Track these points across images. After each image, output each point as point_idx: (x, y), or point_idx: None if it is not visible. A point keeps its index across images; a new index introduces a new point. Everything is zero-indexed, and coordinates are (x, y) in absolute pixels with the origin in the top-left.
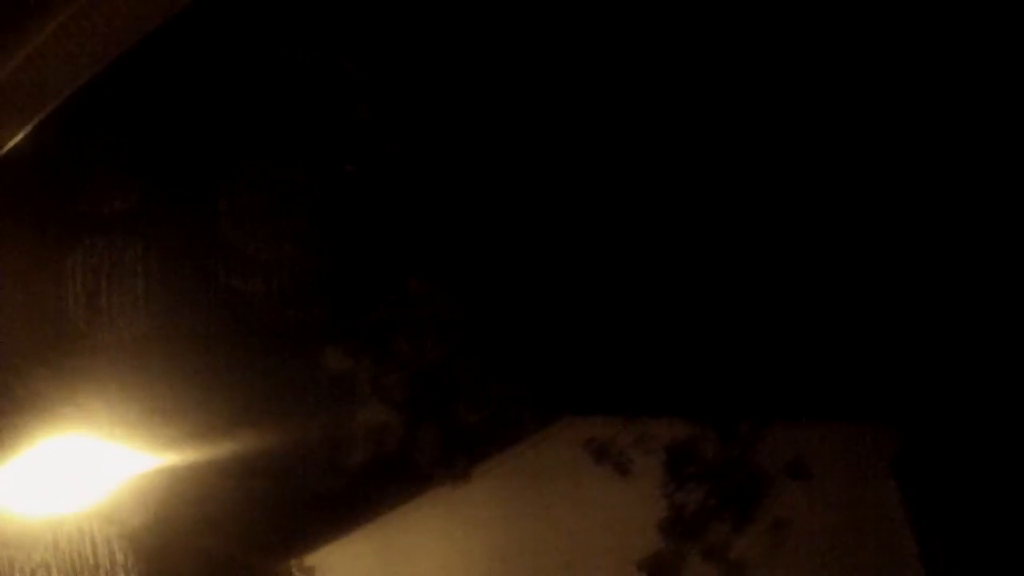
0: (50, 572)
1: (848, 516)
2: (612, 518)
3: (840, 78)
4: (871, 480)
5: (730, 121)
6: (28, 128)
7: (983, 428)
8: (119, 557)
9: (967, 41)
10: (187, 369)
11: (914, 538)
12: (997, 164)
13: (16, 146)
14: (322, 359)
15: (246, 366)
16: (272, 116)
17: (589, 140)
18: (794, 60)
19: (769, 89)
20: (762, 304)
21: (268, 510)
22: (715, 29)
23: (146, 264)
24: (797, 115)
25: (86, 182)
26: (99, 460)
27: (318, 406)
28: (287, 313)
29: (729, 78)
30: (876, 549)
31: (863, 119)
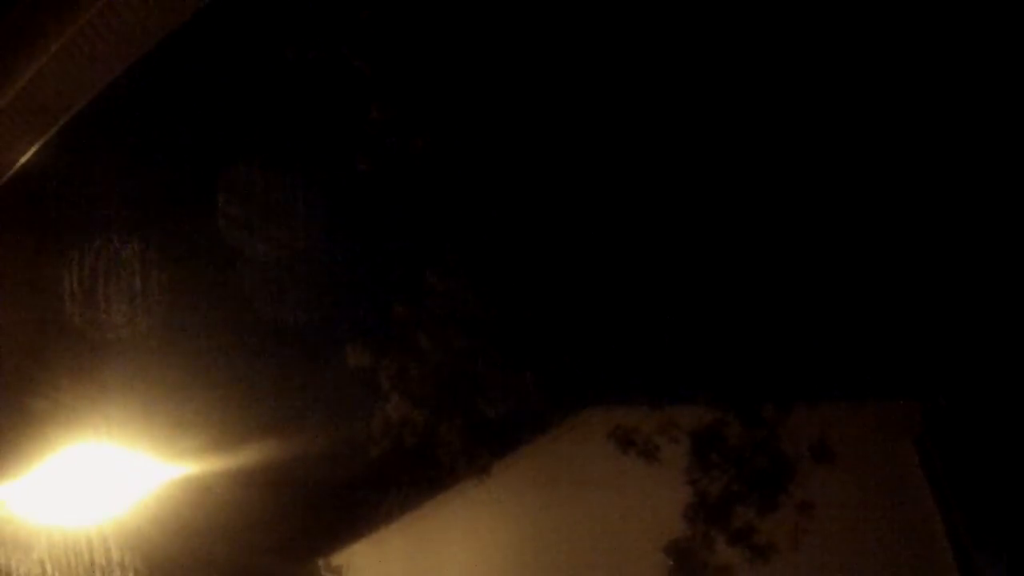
0: None
1: (873, 496)
2: (638, 505)
3: (841, 78)
4: (895, 459)
5: (750, 115)
6: (37, 146)
7: (1007, 405)
8: (136, 566)
9: (967, 41)
10: (206, 374)
11: (940, 515)
12: (1013, 147)
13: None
14: (343, 357)
15: (267, 368)
16: (286, 115)
17: (609, 133)
18: (795, 61)
19: (795, 81)
20: (781, 288)
21: (294, 511)
22: (717, 32)
23: (162, 270)
24: (813, 105)
25: (95, 188)
26: (117, 468)
27: (341, 404)
28: (307, 313)
29: (738, 78)
30: (902, 528)
31: (877, 105)
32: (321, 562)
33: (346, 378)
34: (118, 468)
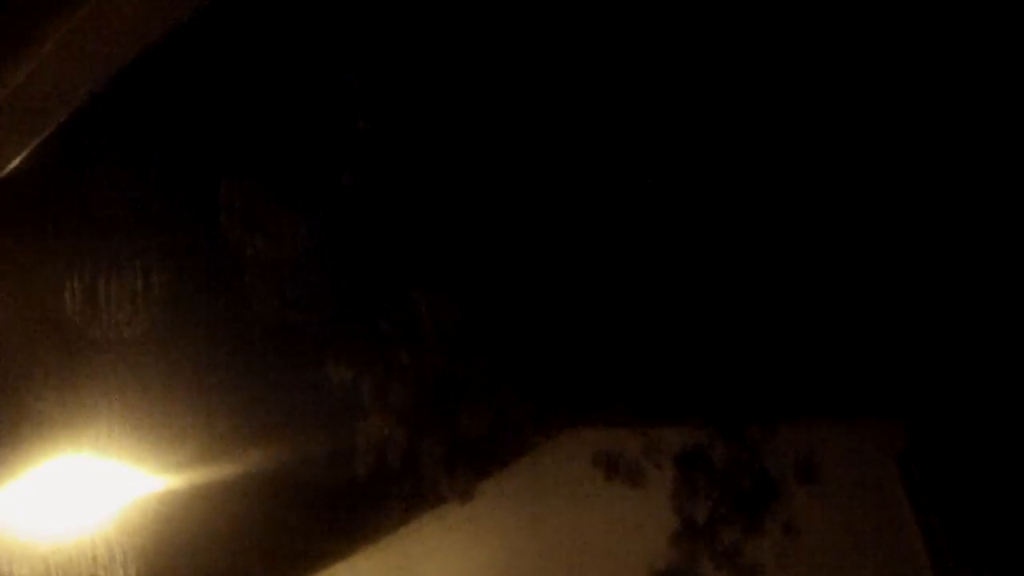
0: None
1: (858, 516)
2: (622, 530)
3: (839, 78)
4: (878, 478)
5: (730, 124)
6: (31, 146)
7: (990, 423)
8: None
9: (967, 41)
10: (190, 387)
11: (921, 534)
12: (998, 161)
13: (19, 164)
14: (324, 374)
15: (248, 382)
16: (269, 130)
17: (591, 149)
18: (793, 60)
19: (767, 89)
20: (763, 304)
21: (271, 530)
22: (714, 29)
23: (147, 280)
24: (798, 115)
25: (89, 193)
26: (102, 480)
27: (320, 422)
28: (288, 328)
29: (726, 80)
30: (886, 548)
31: (863, 117)
32: None
33: (328, 395)
34: (103, 480)
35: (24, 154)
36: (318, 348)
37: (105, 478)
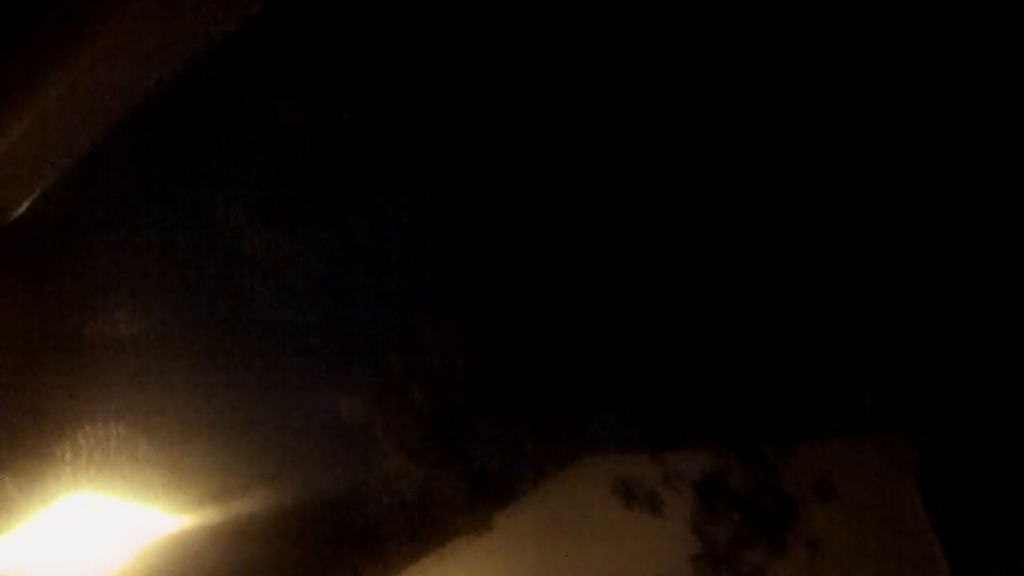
0: None
1: (878, 531)
2: (643, 556)
3: (839, 78)
4: (897, 492)
5: (730, 141)
6: (35, 194)
7: (1005, 434)
8: None
9: (967, 41)
10: (205, 427)
11: (941, 545)
12: (1011, 172)
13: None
14: (337, 411)
15: (263, 421)
16: (274, 173)
17: (595, 184)
18: (793, 60)
19: (759, 107)
20: (775, 326)
21: (288, 567)
22: (714, 29)
23: (164, 320)
24: (801, 128)
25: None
26: (115, 522)
27: (335, 459)
28: (302, 366)
29: (725, 89)
30: (907, 561)
31: (870, 126)
32: None
33: (342, 433)
34: (114, 521)
35: (28, 201)
36: (331, 386)
37: (116, 517)
